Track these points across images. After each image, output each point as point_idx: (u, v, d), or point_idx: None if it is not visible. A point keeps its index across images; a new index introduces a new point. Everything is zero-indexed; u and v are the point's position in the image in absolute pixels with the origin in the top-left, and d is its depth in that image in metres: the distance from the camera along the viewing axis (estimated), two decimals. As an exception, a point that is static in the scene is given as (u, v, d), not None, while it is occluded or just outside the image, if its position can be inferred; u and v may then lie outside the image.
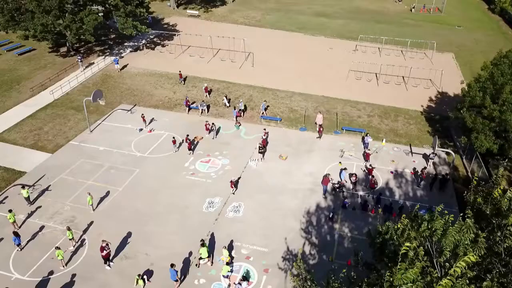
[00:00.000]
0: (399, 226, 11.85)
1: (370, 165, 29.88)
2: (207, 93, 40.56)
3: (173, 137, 32.38)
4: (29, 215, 25.68)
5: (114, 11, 45.19)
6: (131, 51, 50.60)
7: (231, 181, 27.42)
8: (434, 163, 31.02)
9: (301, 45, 54.84)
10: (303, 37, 58.12)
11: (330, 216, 25.67)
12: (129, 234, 24.37)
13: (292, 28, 61.28)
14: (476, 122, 26.75)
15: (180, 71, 43.38)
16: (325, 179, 27.32)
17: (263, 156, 31.13)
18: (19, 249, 23.07)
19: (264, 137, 32.46)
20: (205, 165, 30.89)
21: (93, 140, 33.58)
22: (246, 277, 21.47)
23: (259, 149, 30.88)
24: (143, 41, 53.27)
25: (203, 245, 22.11)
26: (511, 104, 24.71)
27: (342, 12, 70.89)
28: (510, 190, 11.05)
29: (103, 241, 21.90)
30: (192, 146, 32.13)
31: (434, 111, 39.42)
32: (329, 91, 42.24)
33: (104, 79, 43.55)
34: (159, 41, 53.50)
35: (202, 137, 34.02)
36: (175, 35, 55.31)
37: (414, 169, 30.32)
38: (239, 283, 21.07)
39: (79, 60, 44.34)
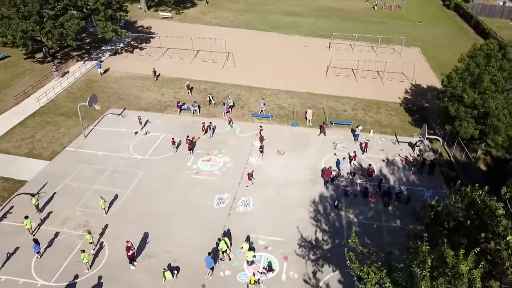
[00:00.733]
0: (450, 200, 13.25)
1: (354, 151, 31.85)
2: (189, 90, 41.42)
3: (172, 138, 32.94)
4: (41, 223, 25.60)
5: (93, 15, 44.69)
6: (110, 55, 50.21)
7: (248, 174, 28.75)
8: (420, 150, 33.47)
9: (277, 44, 56.47)
10: (278, 36, 59.77)
11: (335, 204, 27.39)
12: (146, 235, 24.91)
13: (266, 28, 62.77)
14: (459, 110, 29.34)
15: (154, 68, 44.28)
16: (326, 171, 28.99)
17: (262, 153, 32.26)
18: (39, 256, 23.08)
19: (261, 134, 33.64)
20: (207, 163, 31.75)
21: (90, 145, 33.52)
22: (270, 267, 22.68)
23: (261, 149, 32.01)
24: (121, 45, 52.93)
25: (220, 239, 23.14)
26: (492, 92, 27.37)
27: (310, 11, 73.22)
28: None
29: (127, 241, 22.42)
30: (192, 146, 32.82)
31: (411, 102, 42.21)
32: (312, 87, 44.10)
33: (88, 84, 43.15)
34: (136, 44, 53.35)
35: (199, 137, 34.77)
36: (152, 37, 55.32)
37: (406, 157, 32.62)
38: (264, 273, 22.30)
39: (54, 69, 43.10)
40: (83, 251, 22.22)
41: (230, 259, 23.39)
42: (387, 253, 14.78)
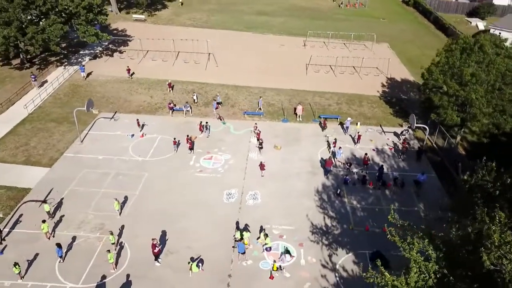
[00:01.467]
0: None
1: (335, 139, 34.21)
2: (170, 89, 42.32)
3: (174, 138, 33.63)
4: (55, 228, 25.70)
5: (73, 19, 44.19)
6: (90, 59, 49.74)
7: (261, 164, 30.53)
8: (405, 139, 36.00)
9: (254, 43, 57.95)
10: (253, 36, 61.24)
11: (338, 192, 29.25)
12: (164, 232, 25.64)
13: (240, 28, 64.05)
14: (443, 100, 32.00)
15: (128, 67, 45.04)
16: (329, 161, 30.82)
17: (261, 149, 33.61)
18: (62, 260, 23.32)
19: (258, 130, 35.00)
20: (209, 161, 32.72)
21: (88, 150, 33.55)
22: (288, 251, 24.16)
23: (261, 145, 33.35)
24: (99, 49, 52.49)
25: (237, 228, 24.44)
26: (473, 84, 30.14)
27: (280, 10, 75.18)
28: None
29: (153, 239, 23.14)
30: (192, 146, 33.62)
31: (390, 95, 44.97)
32: (296, 84, 45.92)
33: (73, 89, 42.75)
34: (115, 48, 53.08)
35: (196, 137, 35.59)
36: (129, 40, 55.20)
37: (395, 145, 35.05)
38: (282, 258, 23.75)
39: (33, 79, 41.55)
40: (109, 251, 22.74)
41: (233, 247, 24.55)
42: (426, 225, 16.43)
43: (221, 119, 37.46)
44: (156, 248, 22.90)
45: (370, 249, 24.85)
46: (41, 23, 40.74)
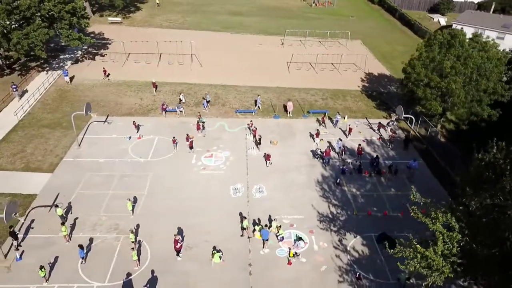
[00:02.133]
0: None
1: (317, 129, 36.62)
2: (154, 88, 43.18)
3: (174, 137, 34.35)
4: (71, 231, 25.96)
5: (57, 23, 43.68)
6: (72, 63, 49.22)
7: (268, 155, 32.54)
8: (391, 130, 38.41)
9: (233, 43, 59.10)
10: (231, 36, 62.37)
11: (338, 181, 31.11)
12: (179, 229, 26.46)
13: (217, 28, 64.98)
14: (426, 92, 34.54)
15: (104, 68, 45.58)
16: (327, 150, 32.66)
17: (258, 145, 34.90)
18: (84, 262, 23.73)
19: (255, 127, 36.31)
20: (210, 159, 33.71)
21: (87, 153, 33.67)
22: (301, 238, 25.70)
23: (259, 141, 34.67)
24: (79, 52, 51.97)
25: (245, 217, 26.24)
26: (453, 76, 32.80)
27: (254, 10, 76.63)
28: None
29: (175, 235, 24.01)
30: (192, 144, 34.45)
31: (370, 89, 47.46)
32: (281, 82, 47.55)
33: (61, 94, 42.37)
34: (95, 51, 52.70)
35: (193, 136, 36.36)
36: (108, 43, 54.93)
37: (380, 136, 37.36)
38: (296, 244, 25.27)
39: (14, 89, 40.19)
40: (133, 249, 23.42)
41: (249, 237, 25.87)
42: (450, 202, 18.19)
43: (199, 117, 37.96)
44: (178, 244, 23.76)
45: (375, 231, 26.80)
46: (27, 28, 39.93)
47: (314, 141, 35.87)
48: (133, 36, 56.20)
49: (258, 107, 41.14)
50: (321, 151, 34.02)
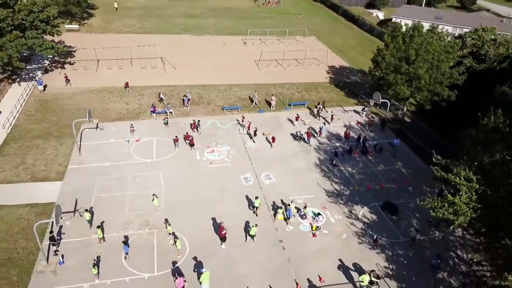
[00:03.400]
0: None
1: (297, 114, 40.76)
2: (127, 88, 44.81)
3: (176, 136, 35.90)
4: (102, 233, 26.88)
5: (30, 32, 42.78)
6: (42, 73, 48.23)
7: (273, 137, 35.93)
8: (366, 114, 42.88)
9: (197, 45, 60.86)
10: (193, 38, 63.99)
11: (334, 163, 34.73)
12: (207, 219, 28.40)
13: (177, 31, 66.22)
14: (397, 78, 39.32)
15: (65, 74, 46.21)
16: (308, 132, 36.66)
17: (253, 137, 37.50)
18: (128, 257, 24.99)
19: (248, 122, 38.89)
20: (213, 154, 35.76)
21: (91, 160, 34.14)
22: (319, 213, 28.89)
23: (254, 133, 37.27)
24: (46, 62, 50.91)
25: (256, 197, 28.84)
26: (419, 62, 37.84)
27: (206, 12, 78.53)
28: None
29: (220, 223, 26.06)
30: (193, 142, 36.23)
31: (336, 80, 51.89)
32: (255, 79, 50.42)
33: (43, 104, 41.76)
34: (62, 59, 51.89)
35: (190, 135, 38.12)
36: (73, 51, 54.23)
37: (357, 121, 41.67)
38: (316, 219, 28.44)
39: None
40: (177, 238, 25.15)
41: (257, 215, 28.61)
42: (469, 165, 21.92)
43: (165, 119, 39.56)
44: (224, 230, 25.75)
45: (377, 201, 30.74)
46: (2, 39, 38.93)
47: (294, 125, 39.52)
48: (95, 42, 55.83)
49: (255, 103, 43.57)
50: (300, 133, 37.59)
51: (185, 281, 22.46)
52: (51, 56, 51.69)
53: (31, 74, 47.54)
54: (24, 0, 40.46)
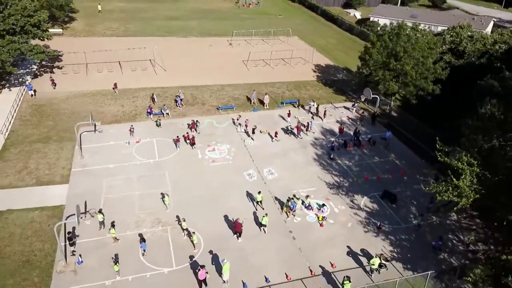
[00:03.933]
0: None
1: (289, 110, 42.28)
2: (115, 88, 45.44)
3: (177, 136, 36.62)
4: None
5: (20, 37, 42.46)
6: (32, 78, 47.86)
7: (276, 132, 37.20)
8: (356, 110, 44.69)
9: (185, 46, 61.55)
10: (179, 40, 64.63)
11: (331, 157, 36.27)
12: (217, 214, 29.32)
13: (162, 33, 66.62)
14: (385, 74, 41.28)
15: (51, 77, 46.52)
16: (298, 126, 38.34)
17: (251, 134, 38.62)
18: (145, 253, 25.67)
19: (246, 120, 39.97)
20: (215, 152, 36.67)
21: (94, 162, 34.44)
22: (324, 204, 30.32)
23: (253, 131, 38.37)
24: (34, 67, 50.47)
25: (259, 192, 29.96)
26: (405, 59, 39.92)
27: (188, 14, 79.10)
28: None
29: (237, 219, 26.93)
30: (194, 141, 37.03)
31: (323, 78, 53.64)
32: (245, 78, 51.55)
33: (37, 109, 41.60)
34: (50, 64, 51.55)
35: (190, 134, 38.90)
36: (60, 55, 53.90)
37: (348, 117, 43.44)
38: (322, 210, 29.87)
39: None
40: (194, 232, 26.00)
41: (263, 208, 29.77)
42: (469, 151, 23.57)
43: (157, 120, 40.25)
44: (241, 226, 26.68)
45: (376, 191, 32.42)
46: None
47: (287, 121, 41.17)
48: (80, 46, 55.70)
49: (254, 103, 44.61)
50: (291, 127, 39.16)
51: (207, 272, 23.33)
52: (39, 61, 51.28)
53: (20, 79, 47.13)
54: (14, 5, 40.13)
